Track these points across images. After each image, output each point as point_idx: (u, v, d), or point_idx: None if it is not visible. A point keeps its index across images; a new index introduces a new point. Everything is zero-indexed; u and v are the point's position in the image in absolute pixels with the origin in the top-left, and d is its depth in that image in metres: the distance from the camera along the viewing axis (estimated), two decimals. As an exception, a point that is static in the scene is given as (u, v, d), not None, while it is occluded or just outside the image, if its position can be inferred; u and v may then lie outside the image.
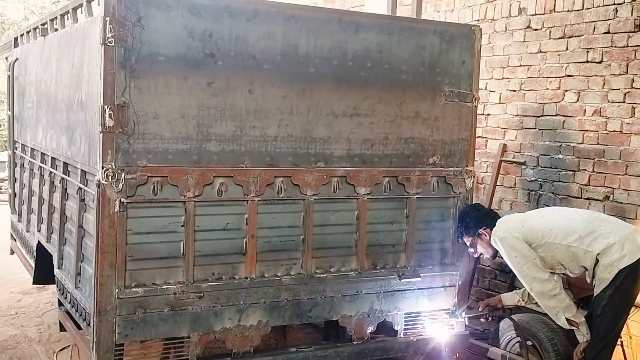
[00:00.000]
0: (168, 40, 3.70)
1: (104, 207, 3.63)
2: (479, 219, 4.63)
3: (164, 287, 3.83)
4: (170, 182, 3.79)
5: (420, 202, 4.60)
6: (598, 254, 4.22)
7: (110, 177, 3.61)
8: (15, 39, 6.38)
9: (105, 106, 3.56)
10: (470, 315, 4.87)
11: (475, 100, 4.70)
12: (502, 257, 4.58)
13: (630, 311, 4.37)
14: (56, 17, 4.77)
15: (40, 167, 5.26)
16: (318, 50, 4.12)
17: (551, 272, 4.38)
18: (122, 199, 3.66)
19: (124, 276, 3.72)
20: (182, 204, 3.84)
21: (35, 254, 5.41)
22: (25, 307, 6.96)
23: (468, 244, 4.72)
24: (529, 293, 4.68)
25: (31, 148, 5.63)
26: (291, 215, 4.18)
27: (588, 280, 4.36)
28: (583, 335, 4.30)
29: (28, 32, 5.76)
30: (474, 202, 4.76)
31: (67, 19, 4.44)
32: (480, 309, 4.87)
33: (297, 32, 4.05)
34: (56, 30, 4.76)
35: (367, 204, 4.39)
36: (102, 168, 3.60)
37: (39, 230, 5.31)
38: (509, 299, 4.79)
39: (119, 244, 3.68)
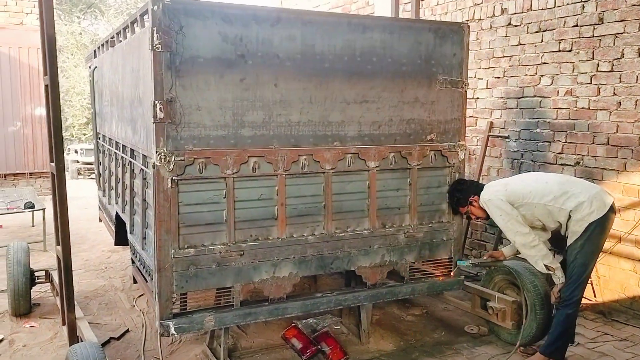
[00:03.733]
0: (206, 44, 3.48)
1: (159, 184, 3.47)
2: (466, 190, 4.37)
3: (211, 247, 3.67)
4: (213, 162, 3.60)
5: (420, 172, 4.34)
6: (570, 210, 3.95)
7: (162, 159, 3.45)
8: (95, 51, 6.23)
9: (156, 101, 3.38)
10: (477, 263, 4.63)
11: (465, 86, 4.39)
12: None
13: (598, 257, 4.09)
14: (120, 31, 4.59)
15: (115, 152, 5.12)
16: (331, 49, 3.86)
17: (531, 227, 4.11)
18: (173, 177, 3.49)
19: (178, 239, 3.56)
20: (223, 180, 3.65)
21: (115, 222, 5.31)
22: (113, 262, 6.93)
23: (464, 212, 4.47)
24: None
25: (108, 138, 5.50)
26: (313, 186, 3.96)
27: (562, 232, 4.09)
28: (558, 278, 4.05)
29: (103, 45, 5.60)
30: (457, 178, 4.48)
31: (128, 31, 4.25)
32: (485, 259, 4.63)
33: (314, 34, 3.79)
34: (121, 41, 4.58)
35: (376, 175, 4.15)
36: (156, 152, 3.44)
37: (116, 203, 5.20)
38: (509, 251, 4.54)
39: (172, 213, 3.51)
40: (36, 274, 5.32)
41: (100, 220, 6.66)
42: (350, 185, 4.09)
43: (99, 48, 5.93)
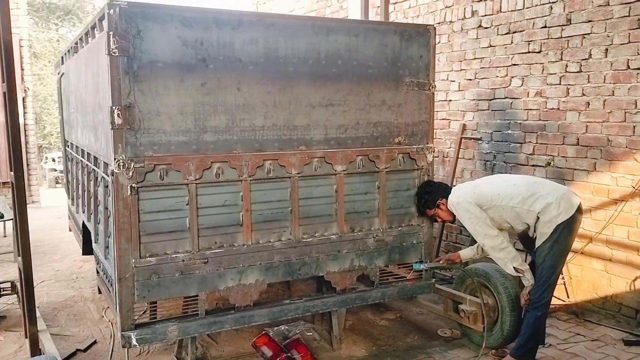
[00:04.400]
0: (165, 48, 3.41)
1: (118, 192, 3.39)
2: (434, 193, 4.33)
3: (174, 255, 3.59)
4: (174, 168, 3.52)
5: (389, 175, 4.30)
6: (538, 212, 3.92)
7: (121, 166, 3.36)
8: (62, 57, 6.12)
9: (114, 107, 3.30)
10: (432, 266, 4.58)
11: (432, 87, 4.36)
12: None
13: (567, 258, 4.07)
14: (82, 36, 4.50)
15: (80, 160, 5.03)
16: (295, 52, 3.81)
17: (499, 230, 4.09)
18: (133, 184, 3.40)
19: (139, 248, 3.48)
20: (185, 186, 3.58)
21: (82, 231, 5.20)
22: (84, 272, 6.79)
23: (430, 215, 4.43)
24: (482, 248, 4.42)
25: (75, 145, 5.40)
26: (279, 191, 3.90)
27: (530, 234, 4.07)
28: (528, 280, 4.02)
29: (68, 51, 5.50)
30: (426, 180, 4.44)
31: (89, 37, 4.17)
32: (441, 262, 4.59)
33: (277, 37, 3.74)
34: (83, 46, 4.49)
35: (343, 178, 4.10)
36: (114, 159, 3.36)
37: (83, 212, 5.10)
38: (467, 254, 4.51)
39: (132, 221, 3.43)
40: (1, 285, 5.19)
41: (70, 230, 6.53)
42: (318, 190, 4.04)
43: (65, 54, 5.83)
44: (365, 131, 4.14)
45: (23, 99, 10.56)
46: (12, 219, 7.15)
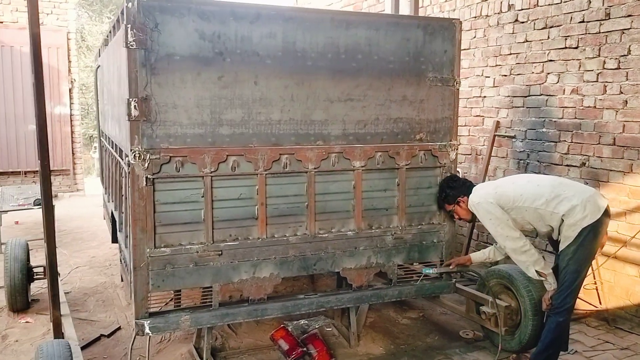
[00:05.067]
0: (182, 42, 3.44)
1: (134, 183, 3.45)
2: (457, 189, 4.21)
3: (189, 246, 3.63)
4: (190, 160, 3.56)
5: (409, 172, 4.22)
6: (563, 214, 3.77)
7: (137, 157, 3.42)
8: (99, 50, 6.27)
9: (131, 99, 3.36)
10: (442, 271, 4.44)
11: (456, 83, 4.24)
12: (479, 220, 4.16)
13: (591, 263, 3.91)
14: (111, 29, 4.59)
15: (110, 150, 5.15)
16: (314, 46, 3.78)
17: (522, 231, 3.95)
18: (148, 176, 3.46)
19: (154, 238, 3.53)
20: (201, 179, 3.61)
21: (111, 219, 5.33)
22: (118, 260, 6.96)
23: (448, 210, 4.33)
24: (494, 251, 4.30)
25: (107, 135, 5.53)
26: (296, 185, 3.89)
27: (554, 237, 3.92)
28: (550, 284, 3.88)
29: (103, 44, 5.63)
30: (450, 174, 4.33)
31: (116, 30, 4.25)
32: (451, 267, 4.45)
33: (295, 31, 3.72)
34: (111, 40, 4.59)
35: (362, 174, 4.05)
36: (131, 150, 3.42)
37: (112, 201, 5.23)
38: (478, 257, 4.38)
39: (148, 212, 3.49)
40: (35, 270, 5.38)
41: (104, 218, 6.71)
42: (335, 185, 4.00)
43: (101, 47, 5.97)
44: (385, 127, 4.07)
45: (70, 90, 10.91)
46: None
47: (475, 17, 6.43)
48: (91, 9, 25.81)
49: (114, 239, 5.31)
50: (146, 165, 3.44)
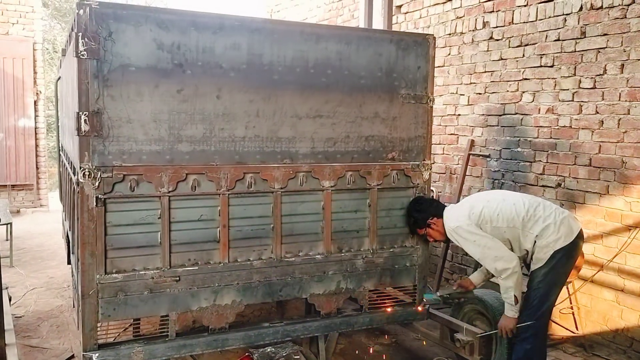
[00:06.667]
0: (138, 52, 3.19)
1: (83, 203, 3.17)
2: (424, 211, 3.97)
3: (143, 272, 3.34)
4: (146, 179, 3.29)
5: (381, 193, 4.00)
6: (536, 235, 3.59)
7: (87, 175, 3.15)
8: (60, 61, 5.98)
9: (81, 112, 3.09)
10: (445, 295, 4.24)
11: (430, 101, 4.06)
12: (453, 242, 3.95)
13: (561, 289, 3.72)
14: (67, 38, 4.32)
15: (67, 165, 4.84)
16: (281, 59, 3.56)
17: None
18: (99, 195, 3.18)
19: (105, 263, 3.24)
20: (157, 199, 3.34)
21: (67, 239, 5.01)
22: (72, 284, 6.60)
23: (421, 234, 4.11)
24: (487, 271, 4.07)
25: (65, 150, 5.22)
26: (261, 206, 3.64)
27: (527, 260, 3.73)
28: (517, 312, 3.65)
29: (62, 54, 5.35)
30: (415, 197, 4.11)
31: (71, 39, 3.98)
32: (454, 288, 4.23)
33: (262, 43, 3.50)
34: (67, 49, 4.32)
35: (331, 195, 3.82)
36: (80, 168, 3.14)
37: (68, 219, 4.91)
38: (478, 277, 4.16)
39: (99, 235, 3.20)
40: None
41: (62, 237, 6.37)
42: (303, 206, 3.77)
43: (62, 57, 5.68)
44: (356, 145, 3.86)
45: (35, 102, 10.52)
46: (7, 224, 7.04)
47: (449, 34, 6.31)
48: (64, 20, 25.29)
49: (69, 261, 4.98)
50: (97, 184, 3.17)
